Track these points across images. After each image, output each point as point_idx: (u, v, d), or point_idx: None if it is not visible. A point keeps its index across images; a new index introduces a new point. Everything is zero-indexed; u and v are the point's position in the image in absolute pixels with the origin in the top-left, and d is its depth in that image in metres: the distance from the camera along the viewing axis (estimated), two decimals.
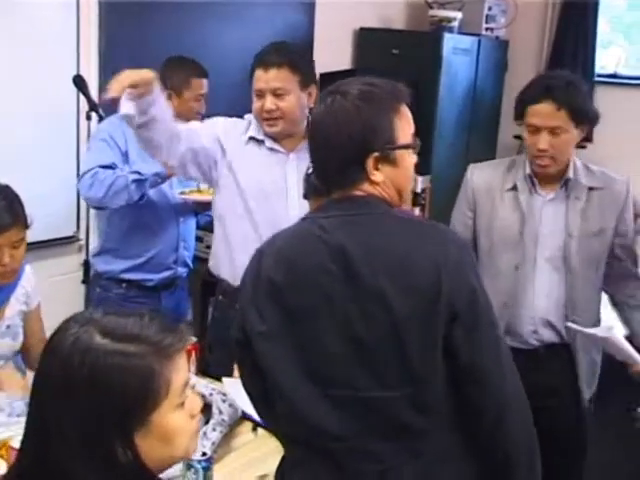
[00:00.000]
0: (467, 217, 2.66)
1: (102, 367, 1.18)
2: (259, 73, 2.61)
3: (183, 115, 3.20)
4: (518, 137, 5.57)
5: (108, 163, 3.03)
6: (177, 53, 3.38)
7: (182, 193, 3.31)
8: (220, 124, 2.72)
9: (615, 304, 2.67)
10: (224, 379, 2.41)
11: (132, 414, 1.19)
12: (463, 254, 1.62)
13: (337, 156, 1.64)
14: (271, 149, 2.68)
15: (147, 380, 1.19)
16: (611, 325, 2.24)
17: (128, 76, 2.30)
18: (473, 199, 2.64)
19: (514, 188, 2.56)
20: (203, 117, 3.17)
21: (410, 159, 1.69)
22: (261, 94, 2.60)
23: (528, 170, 2.54)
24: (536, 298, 2.54)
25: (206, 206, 3.30)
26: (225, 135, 2.68)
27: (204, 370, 2.73)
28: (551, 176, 2.52)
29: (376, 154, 1.62)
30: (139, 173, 3.01)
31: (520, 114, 2.48)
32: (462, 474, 1.67)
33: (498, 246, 2.57)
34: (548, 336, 2.56)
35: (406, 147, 1.67)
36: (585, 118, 2.44)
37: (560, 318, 2.54)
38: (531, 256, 2.53)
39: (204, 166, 2.68)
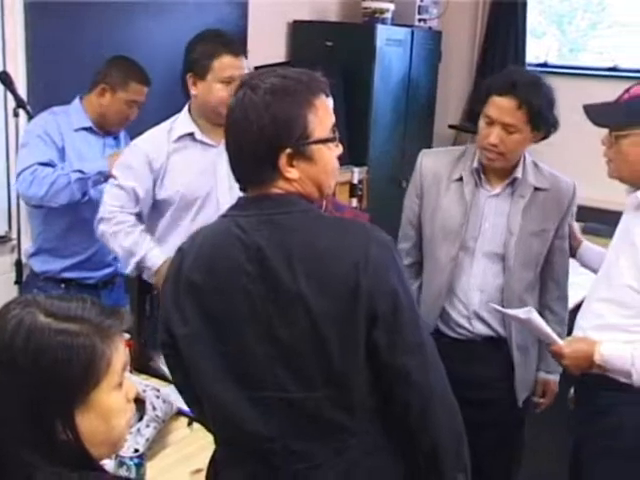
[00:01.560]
0: (415, 203, 2.65)
1: (47, 345, 1.20)
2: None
3: (111, 114, 3.18)
4: (453, 127, 5.67)
5: (46, 160, 3.00)
6: (107, 50, 3.35)
7: None
8: (141, 159, 2.69)
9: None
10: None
11: (75, 391, 1.22)
12: (385, 254, 1.58)
13: (249, 153, 1.58)
14: (201, 142, 2.69)
15: (90, 358, 1.22)
16: (530, 307, 2.28)
17: None
18: (420, 185, 2.62)
19: (460, 179, 2.54)
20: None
21: (330, 153, 1.63)
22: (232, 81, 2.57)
23: (476, 164, 2.52)
24: (470, 291, 2.55)
25: None
26: (152, 162, 2.68)
27: (145, 366, 2.71)
28: (499, 172, 2.51)
29: (289, 150, 1.56)
30: (82, 172, 2.99)
31: (483, 101, 2.44)
32: (390, 468, 1.69)
33: (438, 235, 2.56)
34: (481, 329, 2.57)
35: (322, 141, 1.60)
36: (542, 124, 2.39)
37: (493, 314, 2.54)
38: (470, 249, 2.53)
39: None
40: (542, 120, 2.38)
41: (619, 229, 2.27)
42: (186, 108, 2.75)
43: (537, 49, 5.68)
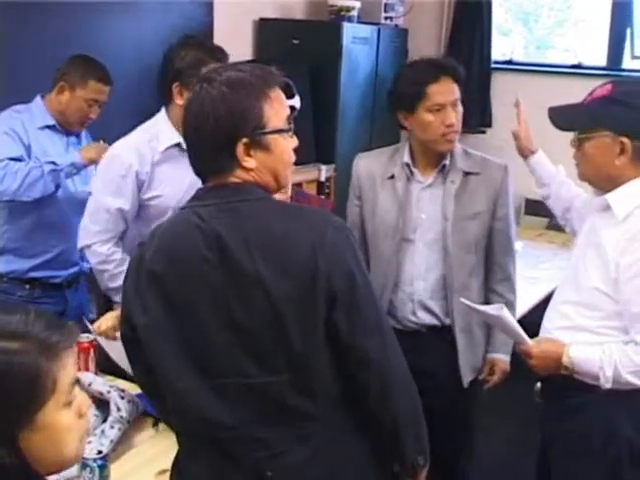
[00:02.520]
0: (355, 205, 2.75)
1: None
2: None
3: (70, 113, 3.16)
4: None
5: (17, 156, 2.98)
6: (70, 49, 3.32)
7: None
8: (125, 171, 2.68)
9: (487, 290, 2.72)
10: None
11: (16, 414, 1.17)
12: (341, 237, 1.63)
13: (207, 144, 1.63)
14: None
15: (32, 378, 1.17)
16: (502, 305, 2.29)
17: None
18: (358, 187, 2.72)
19: (393, 176, 2.62)
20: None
21: (285, 143, 1.68)
22: None
23: (406, 158, 2.60)
24: (414, 281, 2.62)
25: None
26: (138, 174, 2.68)
27: (111, 367, 2.69)
28: (430, 161, 2.59)
29: (245, 140, 1.61)
30: (54, 163, 2.98)
31: (413, 103, 2.49)
32: (352, 454, 1.71)
33: (380, 232, 2.65)
34: (426, 319, 2.64)
35: (277, 131, 1.65)
36: (463, 82, 2.54)
37: (438, 301, 2.62)
38: (411, 241, 2.61)
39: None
40: (463, 81, 2.54)
41: (585, 230, 2.27)
42: (164, 116, 2.73)
43: (504, 46, 5.73)
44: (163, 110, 2.75)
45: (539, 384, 2.44)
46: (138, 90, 4.06)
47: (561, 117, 2.19)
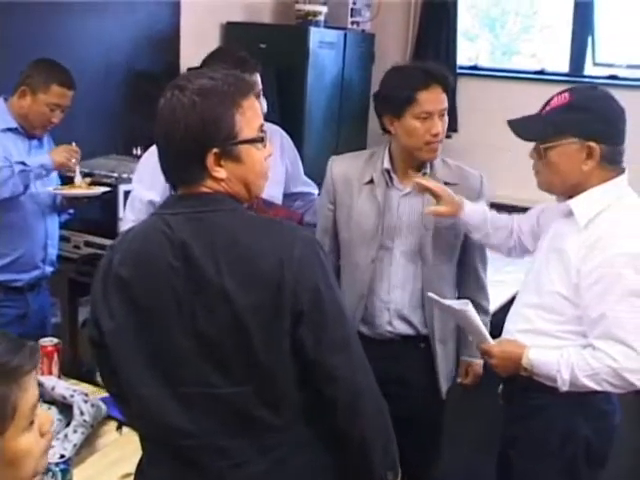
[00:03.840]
0: (328, 209, 2.67)
1: None
2: None
3: (32, 117, 3.14)
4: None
5: None
6: (33, 52, 3.30)
7: (56, 189, 3.27)
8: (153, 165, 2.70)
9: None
10: None
11: None
12: (309, 252, 1.61)
13: (177, 152, 1.60)
14: None
15: None
16: (467, 300, 2.30)
17: None
18: (333, 191, 2.64)
19: (371, 181, 2.57)
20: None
21: (257, 153, 1.65)
22: None
23: (386, 164, 2.55)
24: (391, 290, 2.59)
25: (77, 201, 3.28)
26: None
27: (76, 370, 2.68)
28: (409, 170, 2.55)
29: (216, 150, 1.58)
30: (24, 164, 2.97)
31: (403, 107, 2.44)
32: (318, 466, 1.71)
33: (356, 238, 2.58)
34: (402, 328, 2.61)
35: (249, 141, 1.62)
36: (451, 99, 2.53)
37: (414, 311, 2.59)
38: (389, 249, 2.56)
39: None
40: (451, 94, 2.55)
41: (549, 236, 2.28)
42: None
43: (470, 52, 5.77)
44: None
45: (502, 386, 2.46)
46: (104, 91, 4.05)
47: (523, 128, 2.21)
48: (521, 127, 2.21)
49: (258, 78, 2.66)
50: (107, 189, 3.40)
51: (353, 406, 1.65)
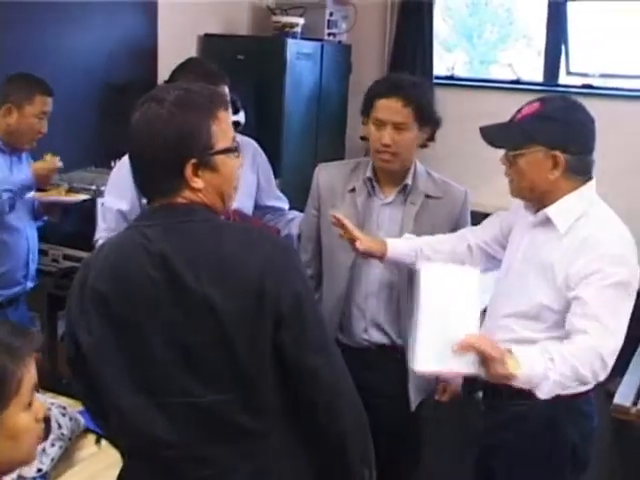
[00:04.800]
0: (312, 215, 2.73)
1: None
2: None
3: (22, 131, 3.14)
4: (365, 138, 5.71)
5: None
6: (9, 64, 3.30)
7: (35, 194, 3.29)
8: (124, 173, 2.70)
9: None
10: None
11: None
12: (288, 258, 1.65)
13: (154, 164, 1.61)
14: None
15: (0, 378, 1.22)
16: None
17: None
18: (318, 197, 2.69)
19: (354, 190, 2.61)
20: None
21: (232, 163, 1.68)
22: None
23: (369, 173, 2.59)
24: (368, 298, 2.61)
25: (54, 208, 3.28)
26: None
27: (53, 383, 2.66)
28: (391, 180, 2.58)
29: (194, 160, 1.60)
30: (11, 191, 2.99)
31: (367, 109, 2.53)
32: (301, 469, 1.72)
33: (336, 245, 2.60)
34: (378, 337, 2.63)
35: (225, 151, 1.65)
36: (429, 120, 2.52)
37: (389, 320, 2.61)
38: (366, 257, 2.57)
39: None
40: (428, 116, 2.51)
41: (524, 246, 2.27)
42: None
43: (448, 62, 5.82)
44: None
45: (480, 393, 2.47)
46: (82, 104, 4.04)
47: (494, 136, 2.23)
48: (492, 134, 2.24)
49: (226, 90, 2.68)
50: (86, 197, 3.45)
51: (334, 406, 1.67)
